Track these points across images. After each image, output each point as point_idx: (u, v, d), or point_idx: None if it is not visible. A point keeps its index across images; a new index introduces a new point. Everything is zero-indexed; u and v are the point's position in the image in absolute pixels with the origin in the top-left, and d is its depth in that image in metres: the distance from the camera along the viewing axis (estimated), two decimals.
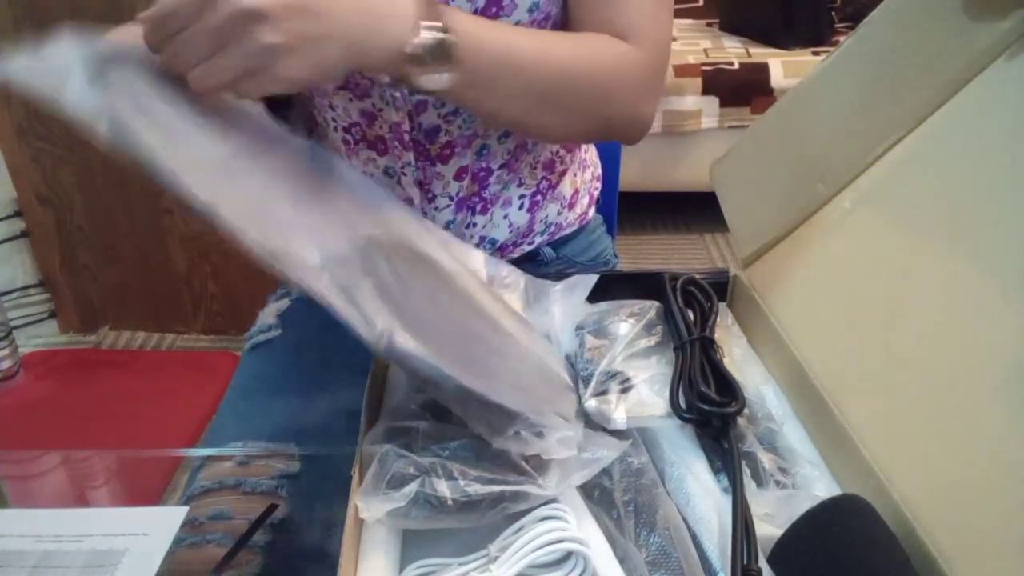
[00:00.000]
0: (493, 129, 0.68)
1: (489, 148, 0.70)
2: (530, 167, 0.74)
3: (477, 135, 0.68)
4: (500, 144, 0.70)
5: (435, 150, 0.68)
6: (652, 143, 2.16)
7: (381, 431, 0.46)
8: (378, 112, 0.66)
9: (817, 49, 2.17)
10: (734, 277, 0.63)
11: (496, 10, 0.60)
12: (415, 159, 0.68)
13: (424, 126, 0.66)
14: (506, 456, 0.43)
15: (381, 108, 0.65)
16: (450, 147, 0.68)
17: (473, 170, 0.70)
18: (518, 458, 0.43)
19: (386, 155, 0.68)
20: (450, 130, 0.67)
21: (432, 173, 0.69)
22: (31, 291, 1.80)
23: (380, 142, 0.68)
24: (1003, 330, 0.40)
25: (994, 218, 0.43)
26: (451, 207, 0.71)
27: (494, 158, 0.71)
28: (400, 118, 0.65)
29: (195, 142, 0.44)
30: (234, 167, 0.45)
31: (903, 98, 0.50)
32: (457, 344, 0.46)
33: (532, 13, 0.61)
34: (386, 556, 0.42)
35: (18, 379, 1.43)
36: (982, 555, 0.36)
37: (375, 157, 0.69)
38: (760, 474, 0.47)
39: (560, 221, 0.79)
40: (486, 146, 0.69)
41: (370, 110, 0.66)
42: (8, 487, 0.61)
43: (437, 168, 0.69)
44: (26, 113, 1.63)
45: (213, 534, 0.51)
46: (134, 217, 1.74)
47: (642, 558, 0.41)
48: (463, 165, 0.69)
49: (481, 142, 0.69)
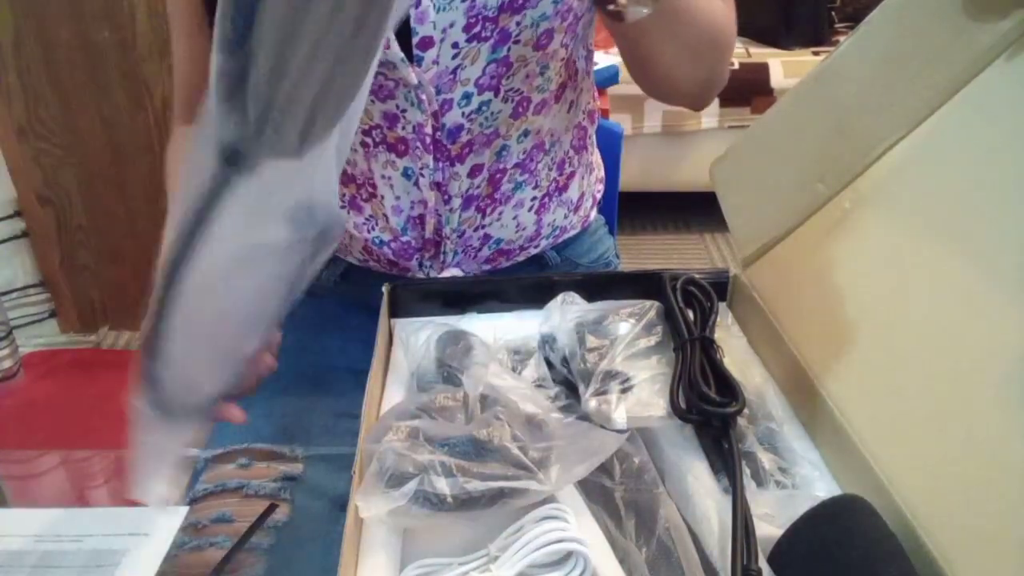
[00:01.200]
0: (514, 129, 0.69)
1: (508, 148, 0.70)
2: (546, 168, 0.74)
3: (498, 135, 0.68)
4: (518, 144, 0.70)
5: (455, 150, 0.68)
6: (652, 143, 2.16)
7: (380, 430, 0.46)
8: (402, 113, 0.65)
9: (817, 49, 2.17)
10: (734, 277, 0.63)
11: (523, 1, 0.60)
12: (434, 160, 0.68)
13: (448, 126, 0.66)
14: (506, 452, 0.43)
15: (405, 109, 0.65)
16: (469, 146, 0.68)
17: (490, 170, 0.70)
18: (518, 454, 0.43)
19: (406, 156, 0.68)
20: (472, 129, 0.67)
21: (450, 173, 0.69)
22: (31, 291, 1.80)
23: (401, 143, 0.68)
24: (1003, 330, 0.40)
25: (994, 218, 0.43)
26: (462, 205, 0.71)
27: (511, 157, 0.71)
28: (424, 119, 0.65)
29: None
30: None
31: (903, 98, 0.50)
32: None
33: (556, 4, 0.62)
34: (386, 556, 0.42)
35: (18, 379, 1.43)
36: (982, 555, 0.36)
37: (394, 159, 0.69)
38: (760, 474, 0.47)
39: (565, 224, 0.79)
40: (506, 147, 0.69)
41: (393, 112, 0.66)
42: (8, 487, 0.61)
43: (455, 168, 0.69)
44: (26, 113, 1.63)
45: (215, 537, 0.51)
46: (134, 217, 1.74)
47: (642, 558, 0.42)
48: (479, 163, 0.69)
49: (501, 142, 0.69)
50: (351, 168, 0.71)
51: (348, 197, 0.73)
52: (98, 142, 1.66)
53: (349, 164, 0.70)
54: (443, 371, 0.53)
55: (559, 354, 0.55)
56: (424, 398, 0.49)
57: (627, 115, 2.10)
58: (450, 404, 0.49)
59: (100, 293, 1.85)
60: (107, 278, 1.83)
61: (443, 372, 0.53)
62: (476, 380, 0.50)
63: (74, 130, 1.65)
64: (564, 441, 0.45)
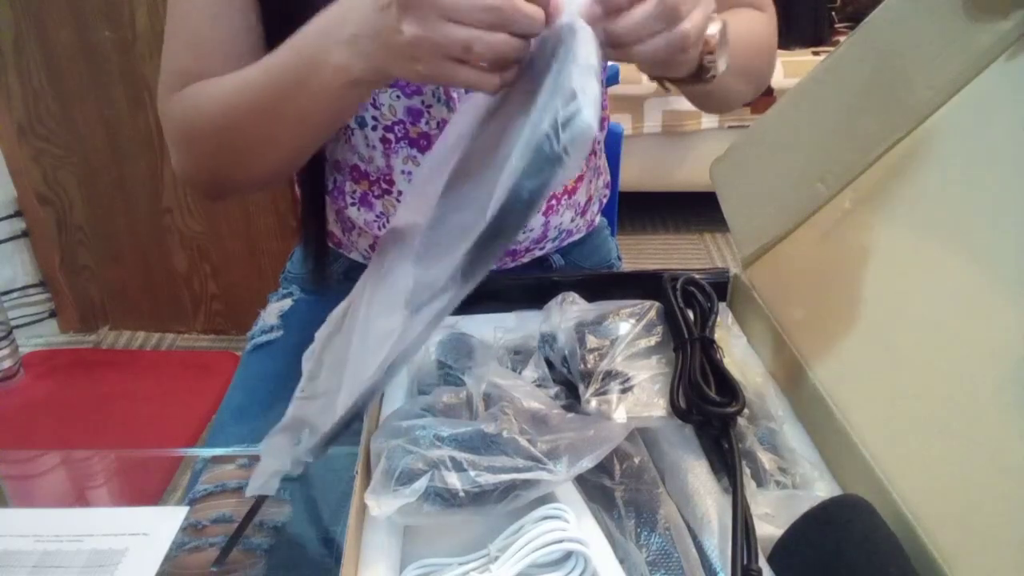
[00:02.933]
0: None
1: None
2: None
3: None
4: None
5: None
6: (652, 143, 2.16)
7: (386, 430, 0.46)
8: (427, 109, 0.65)
9: (817, 49, 2.16)
10: (734, 277, 0.63)
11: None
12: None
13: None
14: (515, 444, 0.43)
15: (431, 104, 0.65)
16: None
17: None
18: (528, 446, 0.43)
19: (428, 151, 0.68)
20: None
21: None
22: (31, 291, 1.80)
23: (423, 139, 0.68)
24: (1003, 330, 0.40)
25: (994, 218, 0.43)
26: None
27: None
28: (449, 115, 0.65)
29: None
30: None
31: (903, 98, 0.50)
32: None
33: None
34: (387, 556, 0.42)
35: (18, 379, 1.42)
36: (982, 555, 0.36)
37: (416, 155, 0.68)
38: (760, 474, 0.47)
39: (572, 228, 0.79)
40: None
41: (418, 107, 0.66)
42: (8, 487, 0.60)
43: None
44: (26, 113, 1.63)
45: (216, 537, 0.51)
46: (134, 217, 1.74)
47: (642, 558, 0.41)
48: None
49: None
50: (365, 165, 0.70)
51: (359, 194, 0.72)
52: (98, 142, 1.66)
53: (364, 161, 0.70)
54: (443, 372, 0.53)
55: (559, 354, 0.55)
56: (428, 398, 0.49)
57: (627, 115, 2.10)
58: (454, 402, 0.49)
59: (100, 293, 1.85)
60: (107, 278, 1.83)
61: (443, 373, 0.53)
62: (479, 379, 0.50)
63: (74, 130, 1.65)
64: (571, 433, 0.45)
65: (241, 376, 0.74)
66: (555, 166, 0.36)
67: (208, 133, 0.60)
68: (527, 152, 0.36)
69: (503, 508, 0.42)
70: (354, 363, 0.46)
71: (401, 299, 0.44)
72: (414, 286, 0.43)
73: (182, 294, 1.83)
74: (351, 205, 0.73)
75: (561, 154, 0.36)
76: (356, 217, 0.73)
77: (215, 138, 0.60)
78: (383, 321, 0.44)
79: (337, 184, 0.73)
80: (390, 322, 0.44)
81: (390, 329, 0.43)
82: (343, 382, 0.46)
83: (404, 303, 0.43)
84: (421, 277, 0.43)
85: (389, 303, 0.45)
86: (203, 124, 0.60)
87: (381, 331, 0.44)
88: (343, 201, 0.73)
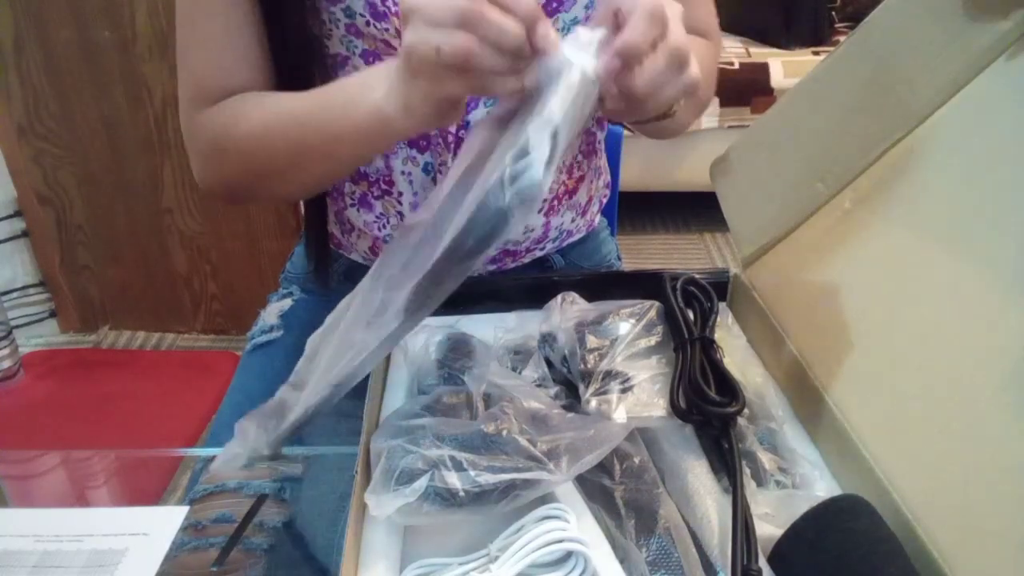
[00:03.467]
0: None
1: None
2: (557, 169, 0.74)
3: None
4: None
5: None
6: (652, 143, 2.16)
7: (386, 430, 0.46)
8: None
9: (817, 49, 2.16)
10: (734, 277, 0.64)
11: (557, 5, 0.61)
12: (453, 158, 0.68)
13: (472, 124, 0.66)
14: (515, 444, 0.43)
15: None
16: None
17: None
18: (528, 445, 0.43)
19: (427, 151, 0.68)
20: None
21: None
22: (31, 291, 1.80)
23: (423, 139, 0.67)
24: (1003, 330, 0.40)
25: (994, 218, 0.43)
26: None
27: None
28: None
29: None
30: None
31: (903, 98, 0.50)
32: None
33: (587, 9, 0.63)
34: (387, 556, 0.42)
35: (18, 379, 1.42)
36: (982, 555, 0.36)
37: (415, 155, 0.68)
38: (760, 474, 0.47)
39: (572, 228, 0.79)
40: None
41: None
42: (8, 487, 0.61)
43: None
44: (26, 113, 1.63)
45: (216, 537, 0.51)
46: (134, 217, 1.74)
47: (642, 558, 0.41)
48: None
49: None
50: (364, 166, 0.70)
51: (359, 195, 0.72)
52: (98, 142, 1.66)
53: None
54: (443, 372, 0.53)
55: (559, 354, 0.55)
56: (427, 398, 0.49)
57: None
58: (454, 402, 0.49)
59: (100, 293, 1.85)
60: (107, 278, 1.83)
61: (443, 374, 0.53)
62: (479, 379, 0.50)
63: (74, 130, 1.65)
64: (571, 432, 0.45)
65: (241, 376, 0.74)
66: (500, 221, 0.35)
67: (242, 150, 0.60)
68: (473, 205, 0.36)
69: (503, 508, 0.42)
70: (324, 368, 0.46)
71: (370, 314, 0.44)
72: (378, 305, 0.43)
73: (182, 294, 1.83)
74: (350, 206, 0.73)
75: (507, 210, 0.35)
76: (355, 218, 0.73)
77: (248, 156, 0.60)
78: (354, 334, 0.44)
79: (336, 185, 0.73)
80: (354, 336, 0.44)
81: (353, 342, 0.43)
82: (312, 383, 0.46)
83: (367, 322, 0.43)
84: (386, 299, 0.43)
85: (360, 316, 0.45)
86: (238, 141, 0.61)
87: (348, 342, 0.44)
88: (342, 202, 0.73)
